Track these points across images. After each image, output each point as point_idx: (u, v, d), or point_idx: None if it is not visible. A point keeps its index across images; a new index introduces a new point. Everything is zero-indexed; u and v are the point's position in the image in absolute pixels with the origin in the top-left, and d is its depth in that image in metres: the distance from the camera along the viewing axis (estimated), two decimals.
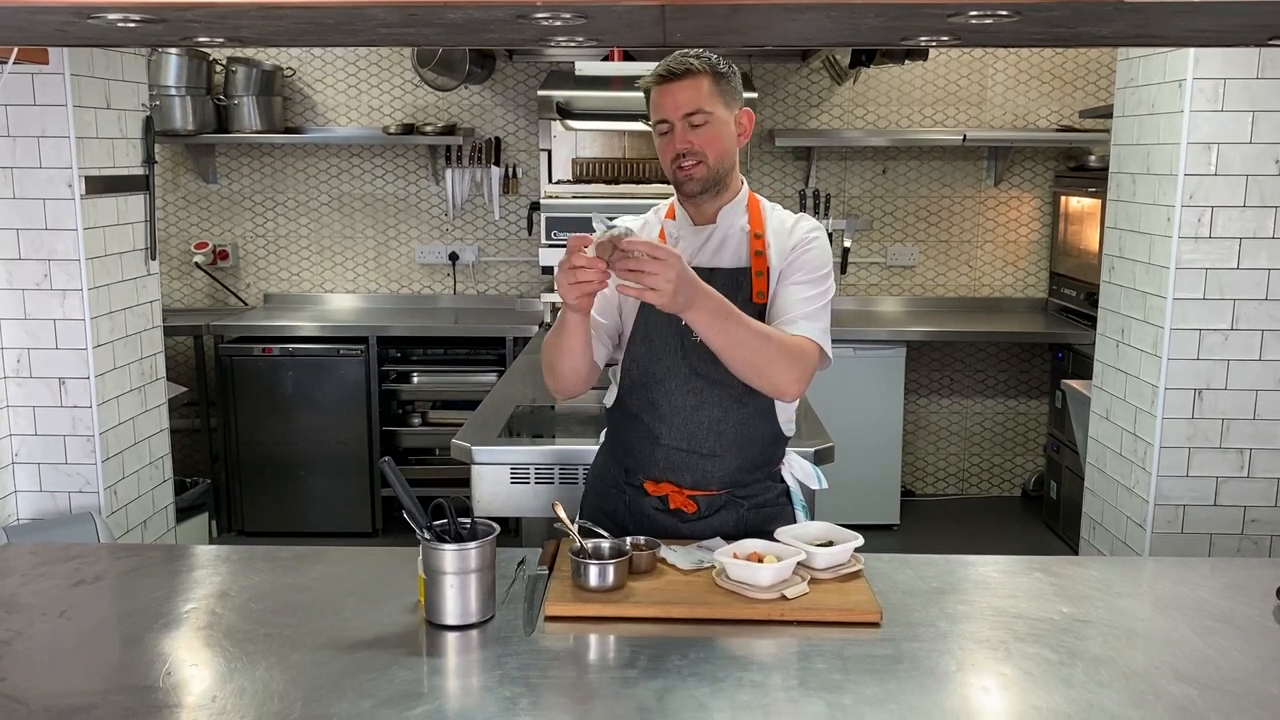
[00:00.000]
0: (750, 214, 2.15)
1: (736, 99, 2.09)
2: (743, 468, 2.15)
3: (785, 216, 2.18)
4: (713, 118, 2.04)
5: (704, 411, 2.12)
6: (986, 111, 5.39)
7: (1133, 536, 3.23)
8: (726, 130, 2.07)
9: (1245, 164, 2.95)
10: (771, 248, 2.12)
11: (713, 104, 2.04)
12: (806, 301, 2.07)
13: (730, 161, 2.11)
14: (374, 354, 4.91)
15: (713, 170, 2.07)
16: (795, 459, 2.27)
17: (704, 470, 2.13)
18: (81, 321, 3.23)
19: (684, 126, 2.04)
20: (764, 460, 2.18)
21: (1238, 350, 3.03)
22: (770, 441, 2.18)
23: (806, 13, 1.23)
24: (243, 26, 1.36)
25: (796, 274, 2.09)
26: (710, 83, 2.04)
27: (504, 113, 5.41)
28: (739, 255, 2.13)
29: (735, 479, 2.14)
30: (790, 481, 2.23)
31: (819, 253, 2.12)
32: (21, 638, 1.68)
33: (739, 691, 1.49)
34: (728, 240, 2.14)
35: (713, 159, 2.06)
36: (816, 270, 2.10)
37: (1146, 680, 1.54)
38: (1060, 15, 1.29)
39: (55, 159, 3.15)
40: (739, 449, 2.13)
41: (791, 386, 2.02)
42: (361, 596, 1.83)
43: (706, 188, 2.09)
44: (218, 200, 5.52)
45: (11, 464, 3.30)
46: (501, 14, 1.23)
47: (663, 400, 2.14)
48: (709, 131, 2.04)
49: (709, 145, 2.05)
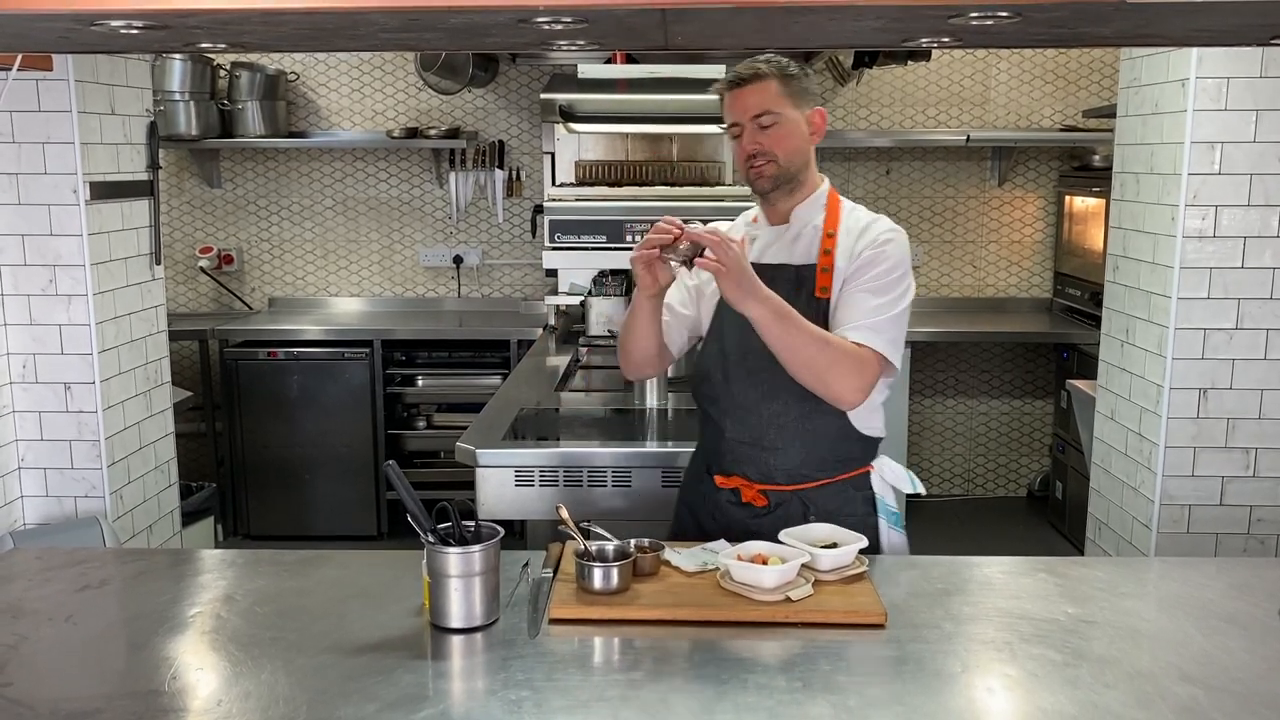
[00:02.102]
0: (826, 212, 2.19)
1: (807, 99, 2.16)
2: (808, 463, 2.16)
3: (863, 217, 2.19)
4: (781, 118, 2.12)
5: (765, 405, 2.16)
6: (990, 112, 5.39)
7: (1138, 537, 3.23)
8: (796, 130, 2.14)
9: (1249, 163, 2.94)
10: (840, 246, 2.14)
11: (781, 105, 2.12)
12: (871, 310, 2.07)
13: (801, 159, 2.17)
14: (378, 357, 4.92)
15: (783, 169, 2.14)
16: (887, 462, 2.25)
17: (767, 464, 2.16)
18: (86, 327, 3.23)
19: (753, 128, 2.12)
20: (835, 458, 2.17)
21: (1243, 349, 3.03)
22: (839, 437, 2.16)
23: (807, 15, 1.24)
24: (245, 32, 1.37)
25: (862, 279, 2.10)
26: (778, 85, 2.12)
27: (507, 116, 5.42)
28: (808, 252, 2.17)
29: (801, 474, 2.16)
30: (879, 487, 2.21)
31: (889, 258, 2.10)
32: (27, 642, 1.68)
33: (743, 694, 1.49)
34: (800, 238, 2.19)
35: (783, 158, 2.13)
36: (885, 276, 2.09)
37: (1152, 681, 1.54)
38: (1061, 16, 1.29)
39: (60, 165, 3.15)
40: (802, 443, 2.15)
41: (849, 395, 2.04)
42: (366, 600, 1.83)
43: (777, 185, 2.16)
44: (222, 205, 5.54)
45: (18, 469, 3.31)
46: (503, 18, 1.23)
47: (727, 394, 2.20)
48: (777, 131, 2.12)
49: (778, 144, 2.12)
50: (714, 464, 2.24)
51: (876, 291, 2.08)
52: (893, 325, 2.08)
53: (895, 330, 2.09)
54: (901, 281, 2.11)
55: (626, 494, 2.63)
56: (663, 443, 2.80)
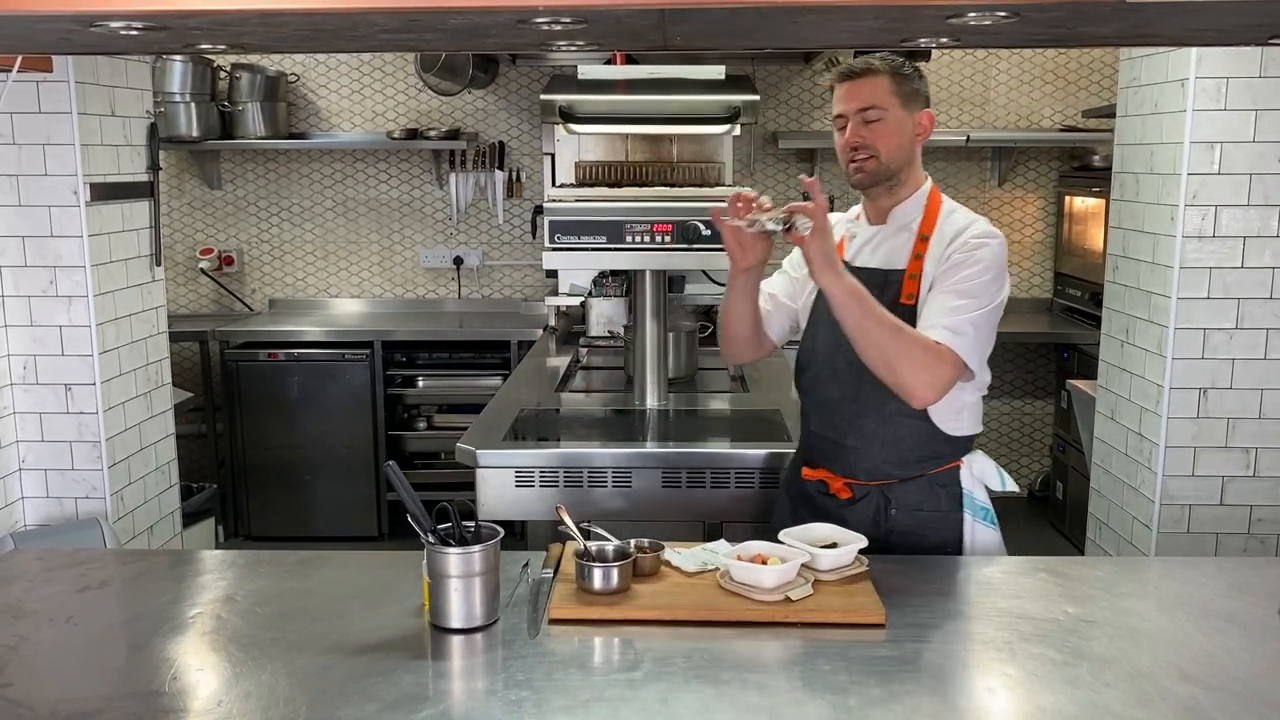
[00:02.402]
0: (924, 214, 2.18)
1: (917, 100, 2.16)
2: (889, 462, 2.18)
3: (960, 220, 2.16)
4: (888, 115, 2.12)
5: (848, 405, 2.19)
6: (990, 112, 5.39)
7: (1139, 536, 3.23)
8: (902, 128, 2.13)
9: (1249, 162, 2.95)
10: (931, 252, 2.13)
11: (889, 102, 2.12)
12: (952, 310, 2.05)
13: (903, 158, 2.16)
14: (379, 358, 4.92)
15: (883, 165, 2.14)
16: (979, 458, 2.25)
17: (847, 461, 2.21)
18: (87, 328, 3.24)
19: (858, 121, 2.13)
20: (917, 457, 2.18)
21: (1243, 349, 3.03)
22: (923, 439, 2.17)
23: (805, 15, 1.24)
24: (245, 33, 1.37)
25: (949, 280, 2.08)
26: (890, 82, 2.12)
27: (507, 117, 5.42)
28: (899, 257, 2.17)
29: (881, 472, 2.18)
30: (967, 483, 2.21)
31: (980, 261, 2.08)
32: (28, 643, 1.68)
33: (743, 693, 1.49)
34: (892, 241, 2.20)
35: (884, 154, 2.13)
36: (974, 279, 2.07)
37: (1152, 680, 1.54)
38: (1059, 16, 1.29)
39: (60, 166, 3.16)
40: (881, 445, 2.17)
41: (919, 390, 2.02)
42: (366, 600, 1.83)
43: (876, 181, 2.16)
44: (222, 206, 5.54)
45: (18, 470, 3.31)
46: (502, 19, 1.23)
47: (815, 389, 2.26)
48: (882, 127, 2.12)
49: (881, 140, 2.12)
50: (804, 456, 2.32)
51: (962, 293, 2.06)
52: (974, 328, 2.05)
53: (976, 333, 2.06)
54: (991, 286, 2.08)
55: (627, 494, 2.63)
56: (663, 443, 2.81)
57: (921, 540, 2.17)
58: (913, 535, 2.16)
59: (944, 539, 2.19)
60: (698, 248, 2.89)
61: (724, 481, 2.62)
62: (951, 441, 2.19)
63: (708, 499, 2.63)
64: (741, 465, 2.62)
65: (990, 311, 2.08)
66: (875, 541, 2.04)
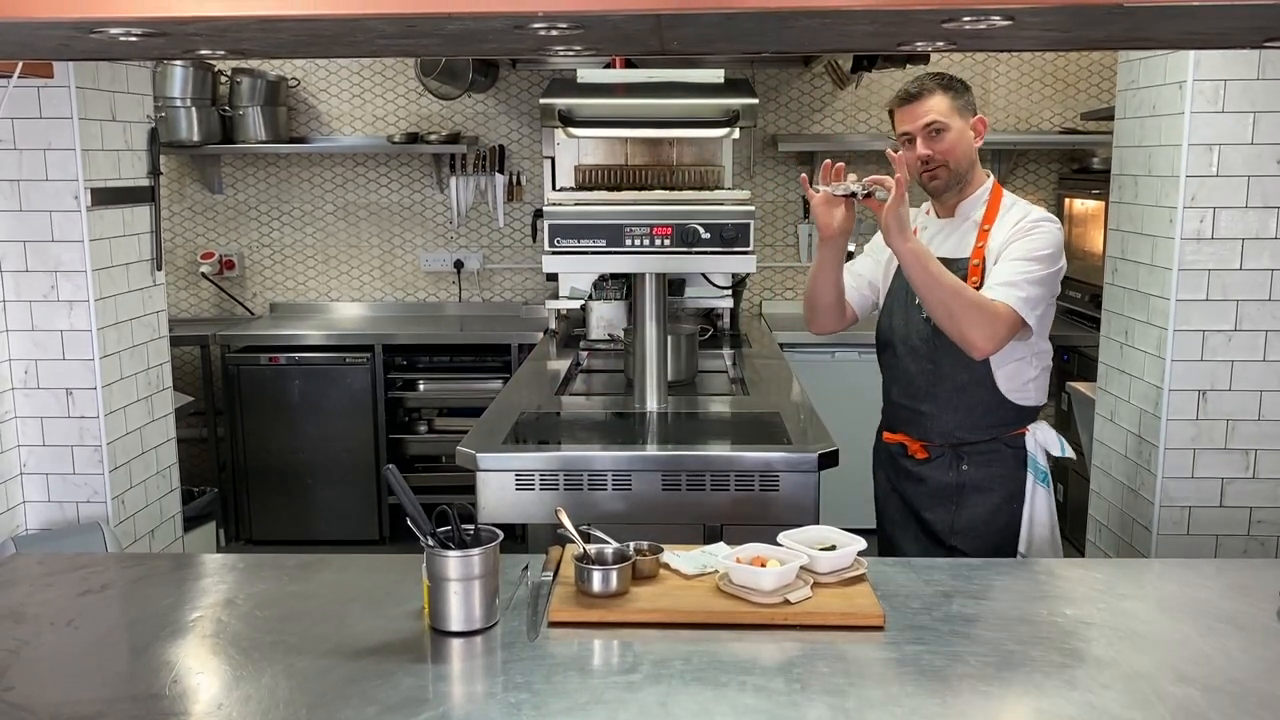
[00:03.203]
0: (987, 208, 2.48)
1: (970, 109, 2.49)
2: (961, 427, 2.48)
3: (1020, 209, 2.46)
4: (949, 127, 2.43)
5: (923, 377, 2.49)
6: (989, 114, 5.38)
7: (1138, 538, 3.23)
8: (963, 137, 2.45)
9: (1247, 165, 2.95)
10: (994, 238, 2.42)
11: (950, 116, 2.43)
12: (1011, 270, 2.34)
13: (968, 161, 2.47)
14: (380, 362, 4.93)
15: (954, 172, 2.46)
16: (1042, 427, 2.55)
17: (923, 426, 2.52)
18: (88, 332, 3.24)
19: (924, 136, 2.44)
20: (987, 423, 2.48)
21: (1241, 351, 3.03)
22: (992, 406, 2.46)
23: (801, 20, 1.24)
24: (244, 39, 1.38)
25: (1009, 250, 2.37)
26: (945, 97, 2.43)
27: (507, 121, 5.43)
28: (964, 245, 2.47)
29: (954, 437, 2.48)
30: (1031, 447, 2.50)
31: (1041, 235, 2.38)
32: (29, 647, 1.69)
33: (742, 696, 1.49)
34: (958, 232, 2.50)
35: (953, 163, 2.45)
36: (1033, 250, 2.36)
37: (1149, 682, 1.54)
38: (1055, 19, 1.29)
39: (61, 171, 3.17)
40: (954, 411, 2.47)
41: (980, 342, 2.30)
42: (366, 603, 1.84)
43: (950, 187, 2.48)
44: (223, 210, 5.55)
45: (19, 474, 3.32)
46: (499, 24, 1.24)
47: (894, 361, 2.57)
48: (947, 139, 2.43)
49: (948, 152, 2.44)
50: (886, 423, 2.66)
51: (1021, 258, 2.35)
52: (1031, 286, 2.33)
53: (1032, 291, 2.33)
54: (1048, 254, 2.37)
55: (626, 498, 2.63)
56: (663, 446, 2.81)
57: (990, 493, 2.49)
58: (984, 488, 2.48)
59: (1010, 492, 2.49)
60: (698, 251, 2.90)
61: (724, 484, 2.62)
62: (1017, 410, 2.48)
63: (707, 502, 2.63)
64: (741, 468, 2.62)
65: (1046, 276, 2.36)
66: (949, 490, 2.48)
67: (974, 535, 2.50)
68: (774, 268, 5.53)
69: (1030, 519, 2.50)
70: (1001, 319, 2.30)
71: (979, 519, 2.50)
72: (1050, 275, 2.37)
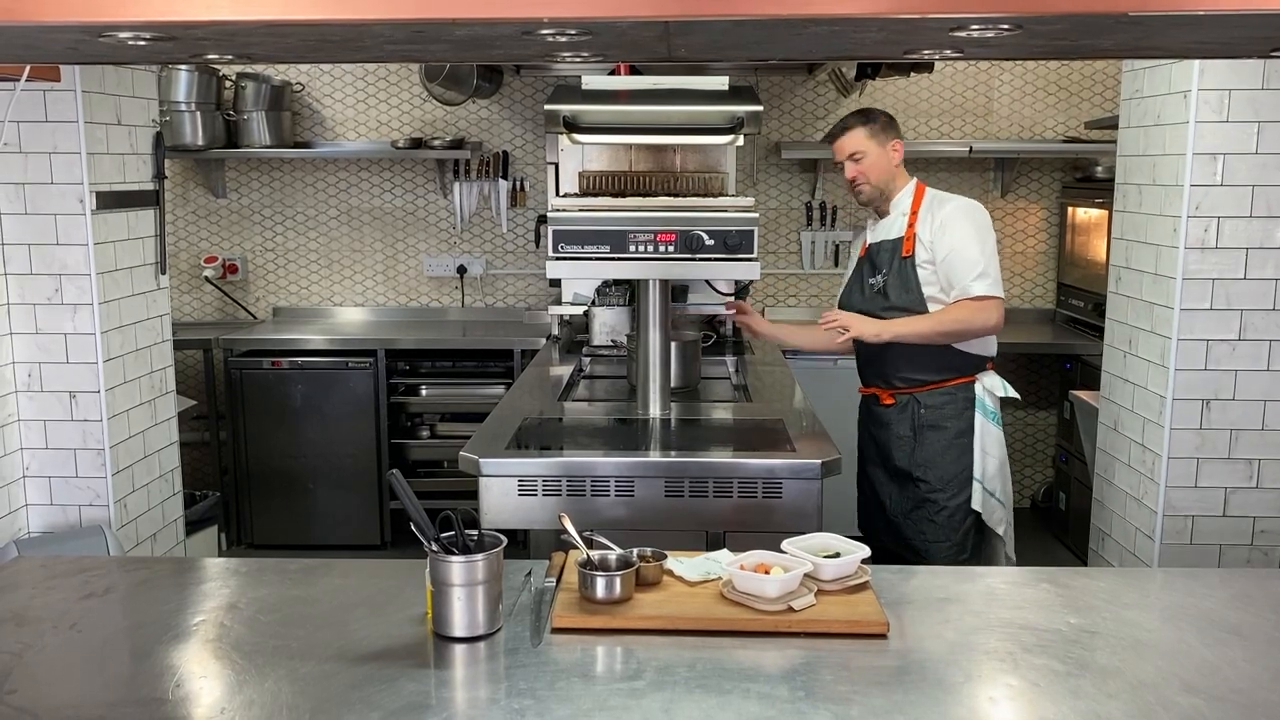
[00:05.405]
0: (912, 201, 3.11)
1: (887, 134, 3.11)
2: (920, 372, 3.08)
3: (940, 197, 3.11)
4: (867, 154, 3.09)
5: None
6: (993, 123, 5.40)
7: (1142, 548, 3.22)
8: (881, 159, 3.10)
9: (1251, 174, 2.95)
10: (921, 220, 3.07)
11: (866, 145, 3.09)
12: (970, 264, 2.96)
13: (887, 177, 3.13)
14: (382, 367, 4.93)
15: (875, 187, 3.13)
16: (990, 375, 3.14)
17: (887, 376, 3.14)
18: (92, 336, 3.25)
19: (850, 163, 3.11)
20: (939, 370, 3.07)
21: (1246, 361, 3.03)
22: (943, 354, 3.05)
23: (809, 27, 1.24)
24: (252, 44, 1.38)
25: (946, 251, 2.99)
26: (863, 130, 3.09)
27: (511, 126, 5.44)
28: (896, 228, 3.13)
29: (916, 380, 3.09)
30: (980, 393, 3.10)
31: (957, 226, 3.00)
32: (32, 650, 1.69)
33: (746, 703, 1.49)
34: (893, 222, 3.15)
35: (874, 178, 3.12)
36: (968, 240, 2.98)
37: (1154, 691, 1.54)
38: (1061, 28, 1.29)
39: (66, 175, 3.17)
40: (908, 362, 3.08)
41: (989, 329, 3.00)
42: (369, 608, 1.83)
43: (874, 197, 3.15)
44: (227, 214, 5.56)
45: (22, 477, 3.32)
46: (507, 30, 1.24)
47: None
48: (866, 162, 3.10)
49: (867, 171, 3.11)
50: (860, 378, 3.28)
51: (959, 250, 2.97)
52: (989, 262, 2.97)
53: (992, 265, 2.98)
54: (972, 232, 2.98)
55: (629, 503, 2.63)
56: (666, 453, 2.81)
57: (944, 431, 3.07)
58: (938, 427, 3.07)
59: (959, 430, 3.08)
60: (701, 257, 2.90)
61: (727, 491, 2.62)
62: (968, 358, 3.08)
63: (710, 508, 2.63)
64: (744, 475, 2.62)
65: (986, 248, 2.98)
66: (910, 430, 3.09)
67: (932, 466, 3.08)
68: (777, 274, 5.53)
69: (982, 450, 3.11)
70: (990, 306, 2.95)
71: (935, 453, 3.08)
72: (987, 245, 2.98)
